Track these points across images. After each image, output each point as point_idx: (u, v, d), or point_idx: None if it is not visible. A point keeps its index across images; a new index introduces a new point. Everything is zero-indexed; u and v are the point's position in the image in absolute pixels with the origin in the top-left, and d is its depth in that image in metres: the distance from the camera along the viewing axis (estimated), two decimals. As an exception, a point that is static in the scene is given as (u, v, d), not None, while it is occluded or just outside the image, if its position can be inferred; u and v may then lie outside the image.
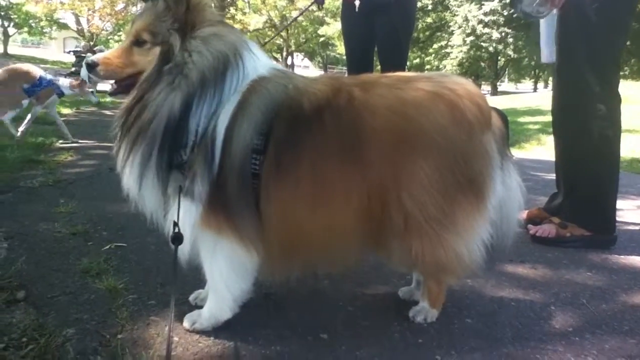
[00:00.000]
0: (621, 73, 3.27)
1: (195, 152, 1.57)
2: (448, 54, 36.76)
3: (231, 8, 25.03)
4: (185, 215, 1.60)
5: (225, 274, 1.68)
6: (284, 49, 35.48)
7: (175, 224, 1.58)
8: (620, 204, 3.10)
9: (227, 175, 1.57)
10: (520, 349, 1.73)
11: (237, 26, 28.16)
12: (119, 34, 37.13)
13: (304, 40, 35.93)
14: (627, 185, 4.87)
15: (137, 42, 1.65)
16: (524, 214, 3.18)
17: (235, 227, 1.61)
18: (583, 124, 2.79)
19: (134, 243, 2.52)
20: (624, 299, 2.22)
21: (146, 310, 1.85)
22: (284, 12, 30.01)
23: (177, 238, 1.57)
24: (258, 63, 1.71)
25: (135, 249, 2.45)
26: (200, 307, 1.81)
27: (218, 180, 1.57)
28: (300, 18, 31.28)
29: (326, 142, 1.62)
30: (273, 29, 31.72)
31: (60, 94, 5.50)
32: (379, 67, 4.51)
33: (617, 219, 2.93)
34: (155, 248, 2.46)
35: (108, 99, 12.43)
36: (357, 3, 4.03)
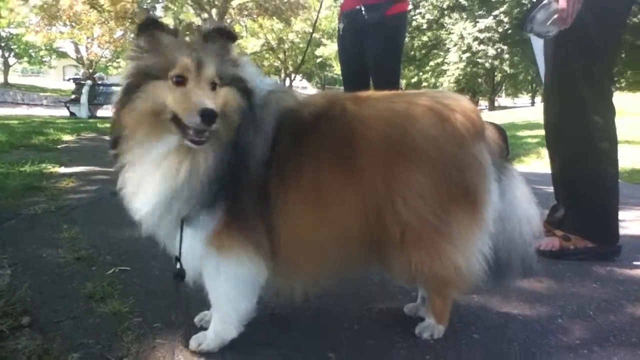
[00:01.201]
0: (617, 85, 3.30)
1: None
2: (445, 71, 37.01)
3: (228, 32, 25.27)
4: (197, 235, 1.61)
5: (231, 292, 1.68)
6: (282, 70, 35.72)
7: (177, 259, 1.61)
8: (622, 214, 3.10)
9: (243, 189, 1.59)
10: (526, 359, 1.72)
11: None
12: (117, 60, 37.52)
13: (301, 62, 36.20)
14: (629, 196, 4.86)
15: (213, 86, 1.57)
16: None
17: (248, 242, 1.62)
18: (581, 136, 2.80)
19: (137, 267, 2.51)
20: (631, 311, 2.20)
21: (152, 333, 1.84)
22: (280, 35, 30.28)
23: (180, 275, 1.63)
24: (263, 79, 1.77)
25: (139, 272, 2.44)
26: (206, 328, 1.80)
27: (234, 195, 1.59)
28: (296, 40, 31.60)
29: (325, 152, 1.66)
30: (270, 52, 32.00)
31: None
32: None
33: (620, 230, 2.92)
34: (159, 272, 2.45)
35: (107, 124, 12.52)
36: (340, 26, 4.12)
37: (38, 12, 24.30)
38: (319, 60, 37.05)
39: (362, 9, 3.86)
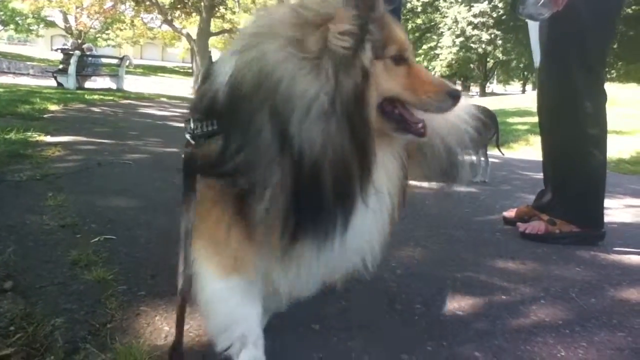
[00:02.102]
0: (608, 76, 3.32)
1: None
2: (437, 55, 36.96)
3: (220, 7, 24.88)
4: None
5: None
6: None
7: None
8: (608, 202, 3.14)
9: None
10: (511, 341, 1.74)
11: (227, 25, 28.16)
12: (107, 32, 37.00)
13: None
14: (615, 185, 4.92)
15: None
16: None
17: None
18: (571, 121, 2.81)
19: (123, 235, 2.49)
20: (612, 294, 2.23)
21: (136, 300, 1.83)
22: (274, 12, 29.96)
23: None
24: None
25: (125, 241, 2.42)
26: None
27: None
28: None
29: None
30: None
31: None
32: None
33: (606, 217, 2.96)
34: (145, 240, 2.44)
35: (95, 96, 12.37)
36: None
37: (26, -21, 23.81)
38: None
39: None
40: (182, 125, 1.37)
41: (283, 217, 1.15)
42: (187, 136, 1.30)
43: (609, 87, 2.95)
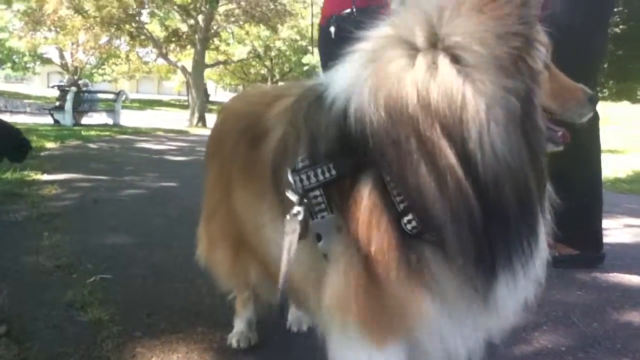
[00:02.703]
0: (601, 95, 3.34)
1: None
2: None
3: (214, 39, 25.17)
4: None
5: None
6: (269, 78, 35.79)
7: None
8: (606, 223, 3.13)
9: None
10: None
11: (221, 57, 28.48)
12: (102, 67, 37.31)
13: (287, 69, 36.22)
14: (612, 205, 4.90)
15: None
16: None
17: None
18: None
19: (119, 274, 2.47)
20: (615, 317, 2.21)
21: (132, 342, 1.80)
22: (267, 42, 30.33)
23: None
24: None
25: (121, 279, 2.41)
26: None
27: None
28: (283, 47, 31.62)
29: None
30: (257, 59, 31.97)
31: None
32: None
33: (605, 238, 2.94)
34: (141, 278, 2.42)
35: (92, 132, 12.41)
36: (332, 30, 3.69)
37: (22, 17, 24.10)
38: (305, 67, 37.18)
39: (354, 10, 3.57)
40: (185, 158, 1.30)
41: (478, 251, 0.94)
42: (292, 195, 1.05)
43: (601, 105, 2.97)
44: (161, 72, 37.43)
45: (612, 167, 7.53)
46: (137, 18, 22.46)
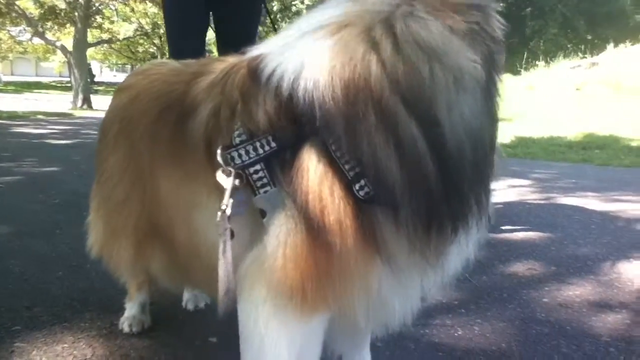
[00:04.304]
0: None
1: None
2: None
3: (97, 17, 23.61)
4: None
5: None
6: (158, 56, 34.37)
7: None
8: (492, 184, 3.30)
9: None
10: (410, 326, 1.75)
11: (105, 35, 26.88)
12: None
13: (178, 48, 34.91)
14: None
15: None
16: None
17: None
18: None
19: (-6, 266, 2.25)
20: (502, 270, 2.35)
21: (10, 337, 1.64)
22: (155, 20, 29.02)
23: None
24: None
25: (-4, 272, 2.19)
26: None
27: None
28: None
29: None
30: (145, 37, 30.51)
31: None
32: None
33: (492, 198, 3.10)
34: (19, 269, 2.21)
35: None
36: None
37: None
38: (196, 46, 36.07)
39: None
40: (69, 142, 1.15)
41: (433, 213, 0.94)
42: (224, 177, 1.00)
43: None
44: (38, 53, 34.74)
45: (498, 134, 8.03)
46: (6, -7, 20.56)
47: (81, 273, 2.16)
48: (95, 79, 38.80)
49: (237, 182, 0.99)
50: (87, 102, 18.55)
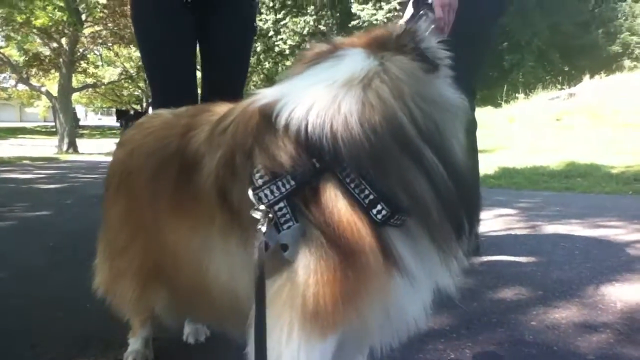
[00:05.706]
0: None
1: None
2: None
3: (82, 62, 23.77)
4: None
5: None
6: (144, 99, 34.58)
7: None
8: (481, 215, 3.41)
9: None
10: (403, 351, 1.81)
11: (90, 80, 27.02)
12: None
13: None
14: (483, 198, 5.30)
15: None
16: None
17: None
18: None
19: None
20: (491, 296, 2.43)
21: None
22: (139, 63, 29.32)
23: None
24: None
25: (-2, 314, 2.22)
26: None
27: None
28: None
29: None
30: (129, 80, 30.72)
31: None
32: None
33: (480, 228, 3.21)
34: (22, 310, 2.24)
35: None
36: None
37: None
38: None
39: None
40: (57, 186, 1.23)
41: (451, 218, 1.10)
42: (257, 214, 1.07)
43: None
44: (22, 98, 34.82)
45: (482, 165, 8.13)
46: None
47: (81, 313, 2.20)
48: (80, 123, 38.83)
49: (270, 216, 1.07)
50: (72, 145, 18.56)
